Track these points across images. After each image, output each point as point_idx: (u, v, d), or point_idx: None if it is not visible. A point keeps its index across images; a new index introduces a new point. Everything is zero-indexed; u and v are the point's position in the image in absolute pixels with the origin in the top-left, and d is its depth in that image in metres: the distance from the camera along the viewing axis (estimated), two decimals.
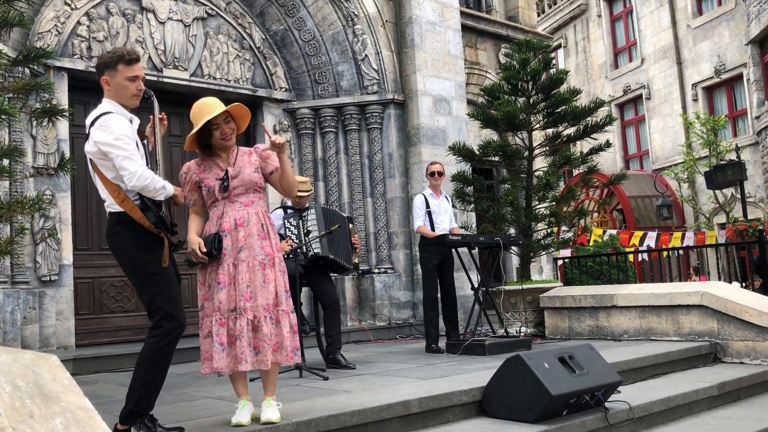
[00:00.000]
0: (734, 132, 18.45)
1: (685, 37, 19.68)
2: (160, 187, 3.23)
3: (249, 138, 9.17)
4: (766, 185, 16.04)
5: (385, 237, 9.52)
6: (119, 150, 3.15)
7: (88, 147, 3.26)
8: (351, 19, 9.45)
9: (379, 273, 9.32)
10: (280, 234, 5.82)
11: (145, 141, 3.48)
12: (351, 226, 6.14)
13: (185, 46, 8.74)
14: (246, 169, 3.56)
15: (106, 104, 3.29)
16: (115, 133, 3.16)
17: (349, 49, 9.52)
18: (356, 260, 6.08)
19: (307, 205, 5.91)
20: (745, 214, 14.30)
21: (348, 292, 9.26)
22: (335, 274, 6.46)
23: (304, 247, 5.60)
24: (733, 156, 15.20)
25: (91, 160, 3.28)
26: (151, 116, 3.44)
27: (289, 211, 5.88)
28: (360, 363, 5.85)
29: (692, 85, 19.45)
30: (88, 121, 3.27)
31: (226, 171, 3.53)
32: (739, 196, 14.95)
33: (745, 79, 17.69)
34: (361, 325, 8.94)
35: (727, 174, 14.65)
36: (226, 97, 8.94)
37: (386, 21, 9.69)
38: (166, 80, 8.48)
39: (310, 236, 5.60)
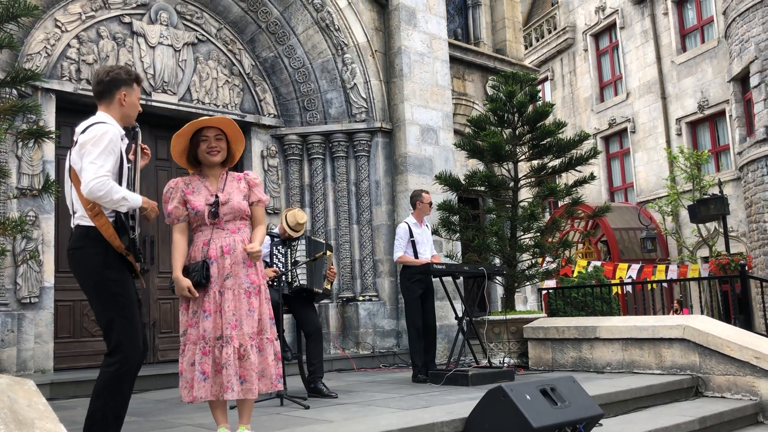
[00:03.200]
0: (717, 167, 18.70)
1: (669, 72, 20.02)
2: (119, 198, 3.02)
3: (236, 166, 9.18)
4: (748, 220, 16.22)
5: (370, 264, 9.51)
6: (93, 152, 3.04)
7: (73, 155, 3.17)
8: (341, 48, 9.55)
9: (363, 301, 9.29)
10: (265, 261, 5.81)
11: (130, 165, 3.46)
12: (329, 253, 6.14)
13: (175, 70, 8.78)
14: (235, 196, 3.56)
15: (104, 116, 3.24)
16: (102, 139, 3.08)
17: (338, 77, 9.61)
18: (327, 286, 6.06)
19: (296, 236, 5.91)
20: (727, 249, 14.44)
21: (332, 319, 9.22)
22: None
23: (289, 275, 5.59)
24: (716, 190, 15.40)
25: (71, 167, 3.19)
26: (133, 144, 3.37)
27: (275, 239, 5.88)
28: (342, 392, 5.80)
29: (676, 119, 19.74)
30: (79, 129, 3.20)
31: (217, 196, 3.52)
32: (722, 230, 15.11)
33: (727, 115, 18.00)
34: (345, 354, 8.88)
35: (710, 208, 14.83)
36: None
37: (375, 51, 9.80)
38: (154, 104, 8.50)
39: (297, 266, 5.60)
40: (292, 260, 5.76)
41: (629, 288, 13.87)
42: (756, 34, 15.04)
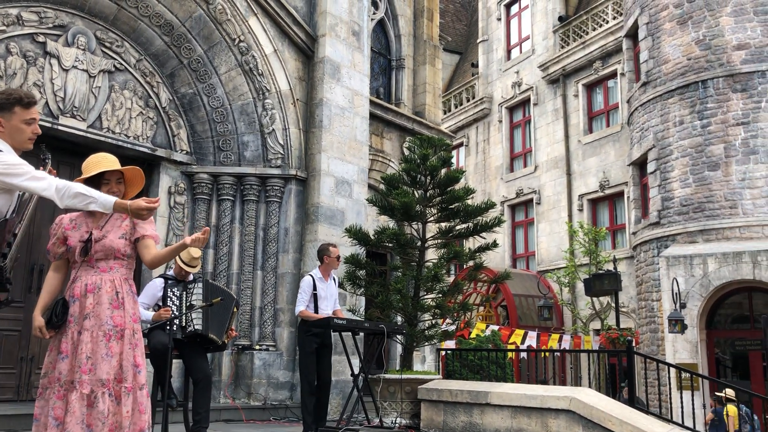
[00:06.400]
0: (613, 244, 19.71)
1: (575, 150, 21.14)
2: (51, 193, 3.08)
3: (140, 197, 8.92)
4: (638, 297, 17.08)
5: (271, 313, 9.32)
6: (18, 173, 3.02)
7: None
8: (262, 92, 9.55)
9: (260, 350, 9.07)
10: (158, 305, 5.60)
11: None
12: (236, 310, 6.00)
13: (87, 96, 8.50)
14: (111, 234, 3.38)
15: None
16: (9, 161, 3.03)
17: (257, 121, 9.57)
18: (226, 340, 5.89)
19: (192, 278, 5.74)
20: (618, 323, 15.11)
21: (225, 367, 8.93)
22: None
23: (183, 319, 5.40)
24: (610, 267, 16.18)
25: None
26: (42, 169, 3.27)
27: (170, 281, 5.69)
28: None
29: (579, 195, 20.76)
30: None
31: (90, 234, 3.36)
32: (613, 305, 15.83)
33: (625, 196, 19.10)
34: (234, 404, 8.58)
35: (604, 283, 15.52)
36: (123, 153, 8.73)
37: (297, 99, 9.86)
38: (61, 128, 8.16)
39: (192, 310, 5.42)
40: (187, 303, 5.57)
41: (524, 354, 14.22)
42: (655, 125, 16.19)
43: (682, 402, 9.03)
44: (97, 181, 3.43)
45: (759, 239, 14.07)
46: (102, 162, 3.42)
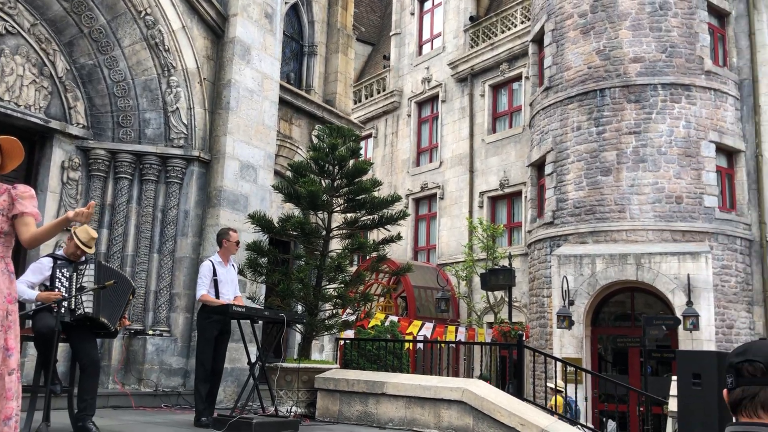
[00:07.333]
0: (510, 241, 20.43)
1: (479, 149, 21.72)
2: None
3: (31, 173, 8.42)
4: (530, 293, 17.81)
5: (166, 297, 9.03)
6: None
7: None
8: (168, 69, 9.20)
9: (153, 335, 8.77)
10: (45, 285, 5.31)
11: None
12: (131, 297, 5.78)
13: None
14: None
15: None
16: None
17: (160, 98, 9.22)
18: (118, 327, 5.67)
19: (84, 258, 5.47)
20: (510, 317, 15.68)
21: (115, 352, 8.58)
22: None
23: (72, 301, 5.14)
24: (506, 262, 16.76)
25: None
26: None
27: (59, 261, 5.39)
28: None
29: (480, 192, 21.36)
30: None
31: None
32: (507, 299, 16.41)
33: (523, 195, 19.83)
34: (124, 390, 8.28)
35: (499, 278, 16.05)
36: (12, 123, 8.19)
37: (204, 78, 9.57)
38: None
39: (83, 292, 5.16)
40: (77, 285, 5.30)
41: (420, 345, 14.51)
42: (554, 129, 16.89)
43: (566, 395, 9.50)
44: None
45: (643, 242, 14.99)
46: None
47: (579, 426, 8.56)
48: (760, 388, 1.60)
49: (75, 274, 5.36)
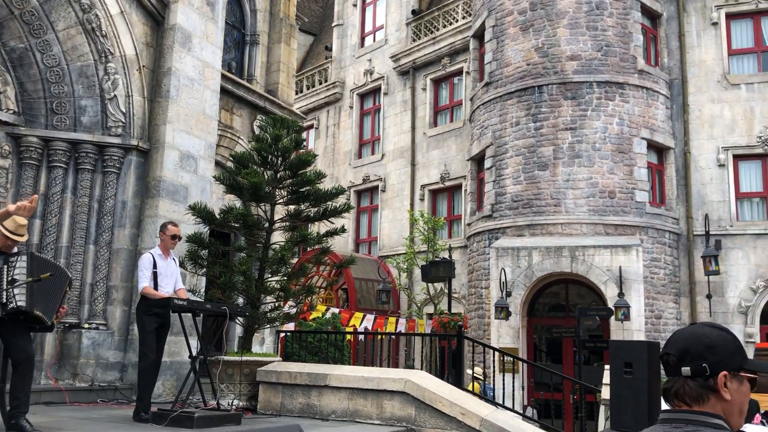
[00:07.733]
0: (450, 233, 20.71)
1: (420, 142, 21.90)
2: None
3: None
4: (469, 284, 18.12)
5: (103, 290, 8.80)
6: None
7: None
8: (105, 55, 8.93)
9: (89, 329, 8.54)
10: None
11: None
12: (68, 289, 5.61)
13: None
14: None
15: None
16: None
17: (97, 85, 8.94)
18: (54, 320, 5.50)
19: (16, 250, 5.27)
20: (449, 308, 15.93)
21: (48, 346, 8.31)
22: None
23: (4, 295, 4.95)
24: (446, 255, 17.00)
25: None
26: None
27: None
28: (49, 429, 5.23)
29: (421, 185, 21.55)
30: None
31: None
32: (446, 291, 16.66)
33: (463, 189, 20.12)
34: (57, 385, 8.03)
35: (439, 270, 16.26)
36: None
37: (143, 66, 9.33)
38: None
39: (15, 285, 4.98)
40: (9, 278, 5.11)
41: (362, 336, 14.59)
42: (494, 123, 17.19)
43: (504, 383, 9.75)
44: None
45: (578, 236, 15.46)
46: None
47: (515, 413, 8.80)
48: (676, 379, 1.71)
49: (6, 266, 5.17)
